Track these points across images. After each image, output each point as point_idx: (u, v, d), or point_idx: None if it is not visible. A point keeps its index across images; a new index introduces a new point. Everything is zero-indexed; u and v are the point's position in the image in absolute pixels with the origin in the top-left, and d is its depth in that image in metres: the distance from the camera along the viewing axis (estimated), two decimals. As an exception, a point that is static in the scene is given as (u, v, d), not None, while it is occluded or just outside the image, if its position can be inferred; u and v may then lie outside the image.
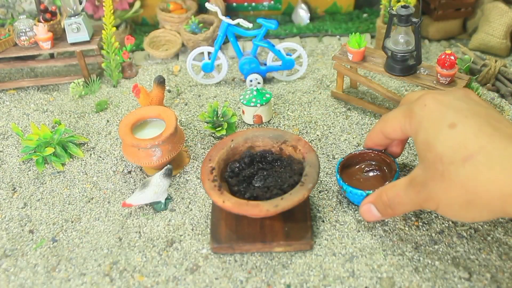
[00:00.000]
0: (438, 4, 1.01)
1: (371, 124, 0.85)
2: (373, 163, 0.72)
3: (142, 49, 1.11)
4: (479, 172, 0.47)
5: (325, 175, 0.76)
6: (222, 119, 0.84)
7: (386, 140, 0.66)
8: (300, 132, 0.85)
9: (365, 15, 1.17)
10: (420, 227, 0.66)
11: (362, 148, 0.72)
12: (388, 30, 0.80)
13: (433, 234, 0.65)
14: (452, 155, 0.49)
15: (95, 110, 0.93)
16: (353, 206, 0.70)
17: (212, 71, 0.97)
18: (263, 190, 0.65)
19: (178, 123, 0.75)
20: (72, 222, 0.71)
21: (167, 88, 0.96)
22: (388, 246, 0.64)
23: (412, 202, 0.55)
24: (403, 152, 0.77)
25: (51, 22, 0.97)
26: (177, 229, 0.69)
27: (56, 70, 1.07)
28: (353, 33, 0.84)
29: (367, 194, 0.65)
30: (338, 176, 0.69)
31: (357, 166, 0.72)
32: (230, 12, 1.16)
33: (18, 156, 0.84)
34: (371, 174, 0.72)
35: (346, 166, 0.72)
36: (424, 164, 0.53)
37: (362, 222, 0.67)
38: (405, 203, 0.56)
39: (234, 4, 1.16)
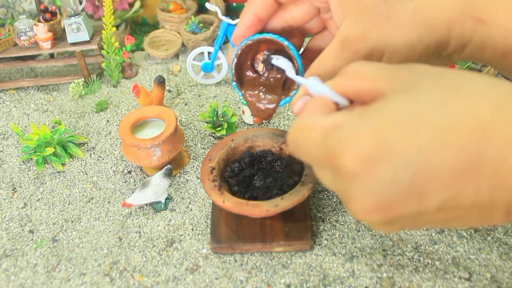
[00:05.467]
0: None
1: (371, 124, 0.85)
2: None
3: (142, 49, 1.11)
4: (427, 1, 0.45)
5: (325, 175, 0.76)
6: (222, 119, 0.84)
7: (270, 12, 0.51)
8: (300, 132, 0.85)
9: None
10: (420, 227, 0.66)
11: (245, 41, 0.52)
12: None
13: (433, 234, 0.65)
14: None
15: (95, 110, 0.93)
16: (353, 206, 0.70)
17: (212, 71, 0.97)
18: (263, 190, 0.65)
19: (178, 123, 0.76)
20: (72, 222, 0.71)
21: (167, 88, 0.96)
22: (388, 246, 0.64)
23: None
24: None
25: (51, 22, 0.97)
26: (177, 229, 0.69)
27: (56, 70, 1.07)
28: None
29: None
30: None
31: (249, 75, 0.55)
32: (230, 12, 1.16)
33: (18, 156, 0.84)
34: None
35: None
36: (357, 16, 0.46)
37: (362, 222, 0.68)
38: None
39: (234, 4, 1.16)
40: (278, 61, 0.50)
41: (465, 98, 0.33)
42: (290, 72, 0.49)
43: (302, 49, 0.55)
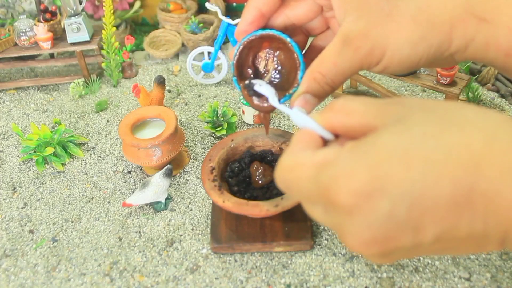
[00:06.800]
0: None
1: (371, 124, 0.85)
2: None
3: (142, 49, 1.11)
4: None
5: (325, 175, 0.76)
6: (222, 119, 0.84)
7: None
8: (300, 132, 0.85)
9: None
10: (420, 227, 0.66)
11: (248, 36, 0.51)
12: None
13: (433, 234, 0.65)
14: None
15: (95, 110, 0.93)
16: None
17: (212, 71, 0.97)
18: (263, 190, 0.65)
19: (178, 123, 0.76)
20: (72, 222, 0.71)
21: (167, 88, 0.96)
22: (388, 246, 0.64)
23: (352, 64, 0.46)
24: None
25: (51, 22, 0.97)
26: (177, 229, 0.69)
27: (56, 70, 1.07)
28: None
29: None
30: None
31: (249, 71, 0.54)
32: (230, 12, 1.16)
33: (18, 156, 0.84)
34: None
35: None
36: (359, 13, 0.46)
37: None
38: (345, 68, 0.46)
39: (234, 4, 1.16)
40: (261, 87, 0.50)
41: (457, 130, 0.33)
42: (273, 100, 0.48)
43: (304, 50, 0.55)
